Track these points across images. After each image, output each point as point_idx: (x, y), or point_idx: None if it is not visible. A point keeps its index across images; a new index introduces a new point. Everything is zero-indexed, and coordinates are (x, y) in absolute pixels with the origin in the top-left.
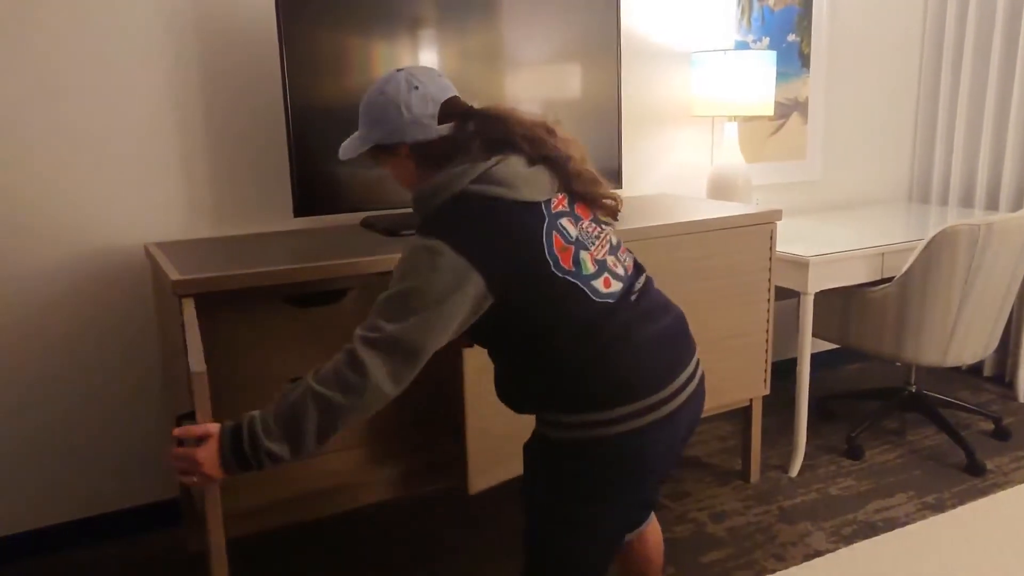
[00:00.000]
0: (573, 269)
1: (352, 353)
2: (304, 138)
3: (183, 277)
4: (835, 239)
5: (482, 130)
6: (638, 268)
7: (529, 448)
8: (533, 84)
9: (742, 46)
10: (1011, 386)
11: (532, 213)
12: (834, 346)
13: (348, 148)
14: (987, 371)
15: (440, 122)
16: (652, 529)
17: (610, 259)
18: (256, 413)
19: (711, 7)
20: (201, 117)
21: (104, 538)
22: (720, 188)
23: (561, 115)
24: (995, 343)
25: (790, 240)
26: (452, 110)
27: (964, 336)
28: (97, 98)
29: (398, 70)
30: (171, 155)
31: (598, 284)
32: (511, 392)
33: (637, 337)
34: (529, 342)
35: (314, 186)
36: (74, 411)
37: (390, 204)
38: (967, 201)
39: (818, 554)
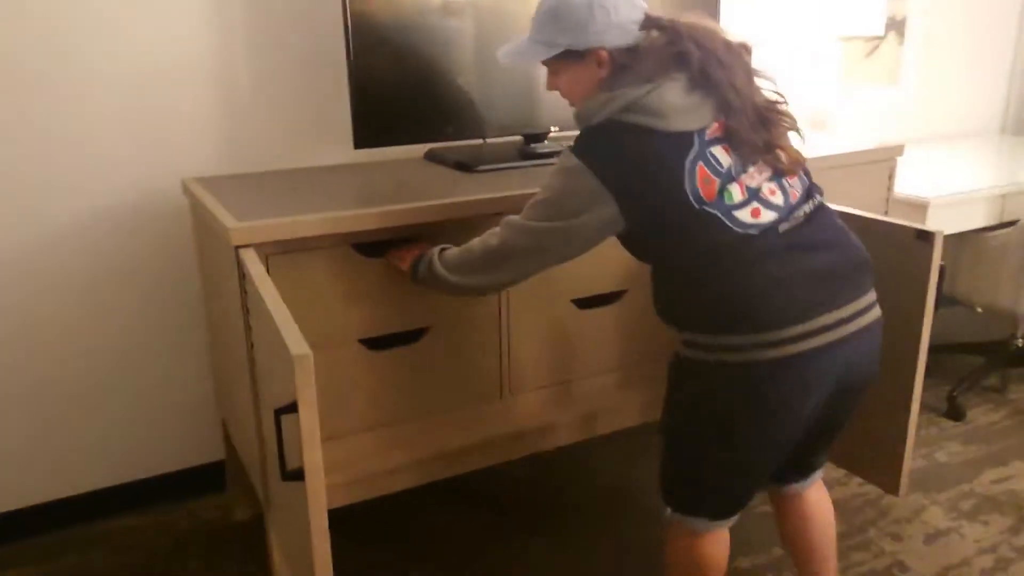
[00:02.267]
0: (715, 200)
1: (500, 230)
2: (366, 56)
3: (241, 224)
4: (948, 177)
5: (671, 43)
6: (808, 194)
7: (668, 365)
8: None
9: None
10: None
11: (680, 143)
12: None
13: (524, 53)
14: None
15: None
16: (813, 491)
17: (768, 186)
18: (437, 249)
19: None
20: (242, 31)
21: (144, 504)
22: (822, 116)
23: None
24: None
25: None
26: (651, 20)
27: None
28: (123, 22)
29: None
30: (207, 78)
31: (742, 214)
32: (657, 305)
33: (776, 267)
34: (664, 262)
35: (376, 114)
36: (111, 372)
37: (457, 135)
38: None
39: (939, 533)
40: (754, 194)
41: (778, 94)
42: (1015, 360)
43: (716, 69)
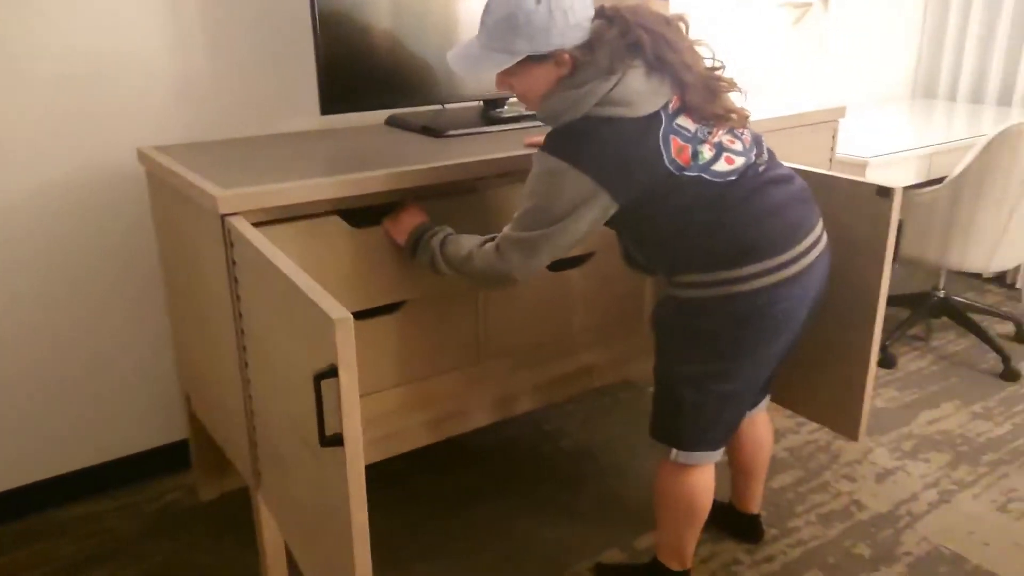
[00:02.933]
0: (691, 163)
1: (500, 244)
2: (331, 23)
3: (230, 192)
4: (880, 138)
5: (623, 34)
6: (756, 140)
7: (660, 313)
8: None
9: None
10: (1013, 287)
11: (650, 124)
12: None
13: (481, 61)
14: (986, 273)
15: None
16: (762, 415)
17: (726, 138)
18: (439, 236)
19: None
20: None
21: (108, 488)
22: (753, 84)
23: None
24: None
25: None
26: (599, 12)
27: (1012, 240)
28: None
29: None
30: (161, 44)
31: (718, 166)
32: (642, 259)
33: (761, 201)
34: (657, 225)
35: (342, 80)
36: (66, 354)
37: (420, 101)
38: (977, 97)
39: (888, 473)
40: (720, 148)
41: (716, 60)
42: (936, 310)
43: (667, 51)
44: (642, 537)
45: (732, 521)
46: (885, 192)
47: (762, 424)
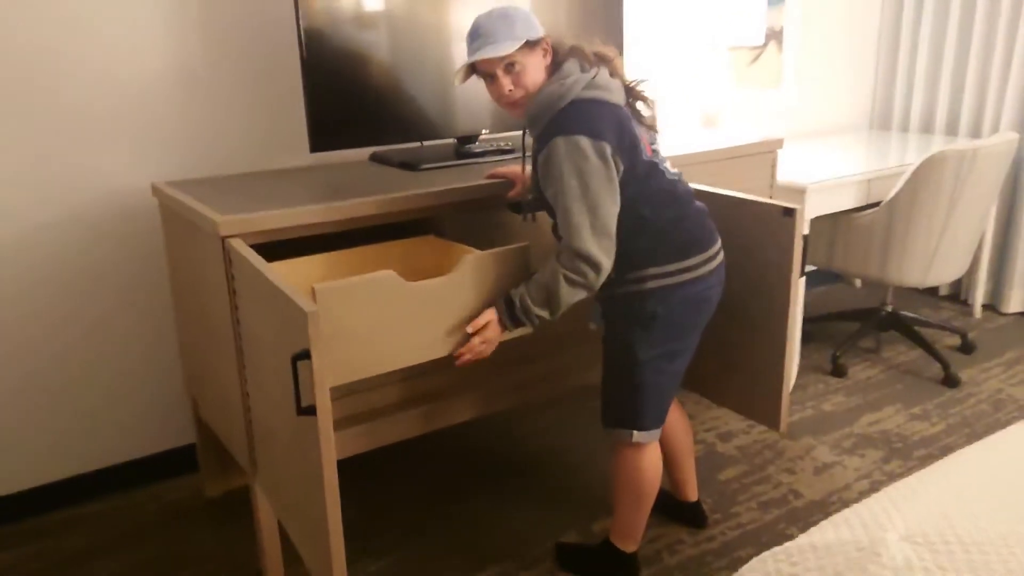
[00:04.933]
0: (652, 155)
1: (570, 248)
2: (320, 71)
3: (229, 217)
4: (822, 166)
5: (575, 49)
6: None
7: (615, 307)
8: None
9: None
10: (966, 303)
11: (623, 112)
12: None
13: (500, 47)
14: (943, 290)
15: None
16: (675, 402)
17: (657, 147)
18: (521, 289)
19: None
20: (200, 51)
21: (113, 490)
22: (716, 117)
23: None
24: (968, 263)
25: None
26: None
27: (945, 257)
28: (91, 33)
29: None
30: (170, 93)
31: (667, 166)
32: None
33: (692, 206)
34: (631, 209)
35: (330, 121)
36: (83, 365)
37: (399, 139)
38: (927, 128)
39: (826, 467)
40: (660, 154)
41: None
42: (884, 324)
43: (618, 69)
44: (597, 522)
45: (678, 512)
46: (790, 212)
47: (680, 410)
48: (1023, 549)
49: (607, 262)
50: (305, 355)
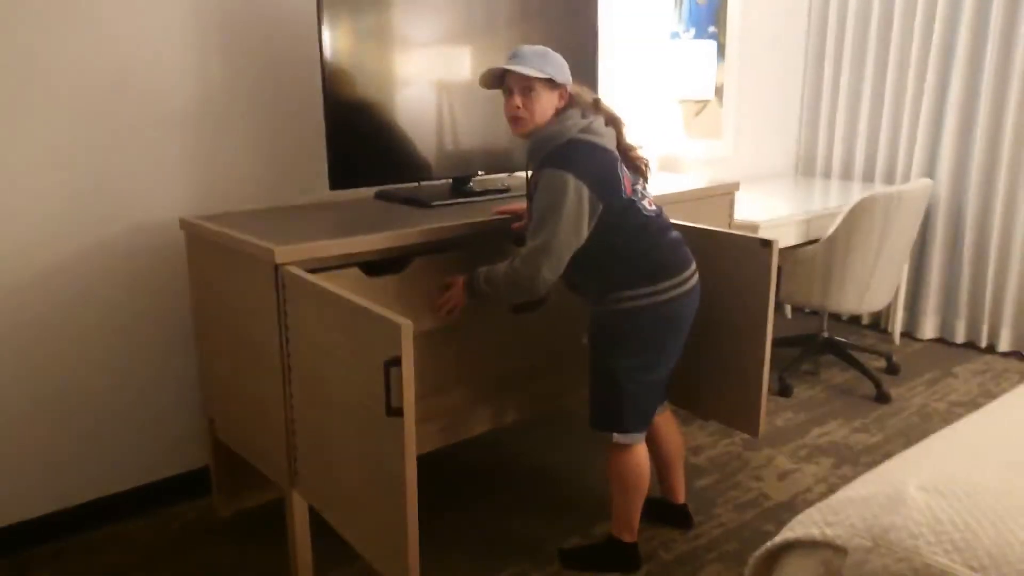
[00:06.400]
0: (632, 194)
1: (524, 255)
2: (340, 118)
3: (285, 247)
4: (764, 208)
5: (578, 98)
6: (657, 204)
7: (599, 325)
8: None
9: (675, 36)
10: (886, 331)
11: (612, 156)
12: None
13: (530, 69)
14: (865, 319)
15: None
16: (668, 413)
17: (646, 194)
18: (484, 269)
19: (652, 0)
20: (224, 97)
21: (130, 514)
22: (670, 162)
23: None
24: (893, 292)
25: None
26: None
27: (876, 287)
28: (123, 82)
29: None
30: (197, 134)
31: (643, 204)
32: (583, 283)
33: (665, 238)
34: (607, 241)
35: (348, 162)
36: (104, 391)
37: (406, 179)
38: (847, 175)
39: (788, 473)
40: (642, 194)
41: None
42: (822, 349)
43: (611, 116)
44: (597, 526)
45: (667, 514)
46: (766, 243)
47: (670, 419)
48: (1010, 494)
49: (551, 277)
50: (396, 362)
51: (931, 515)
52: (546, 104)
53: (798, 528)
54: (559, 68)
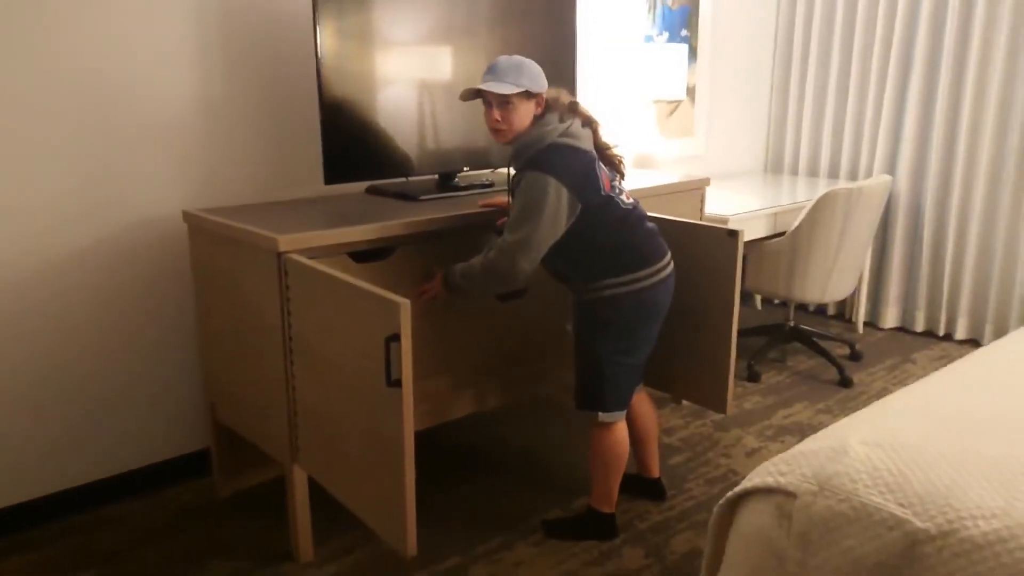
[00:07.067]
0: (610, 190)
1: (500, 247)
2: (334, 116)
3: (287, 236)
4: (734, 202)
5: (556, 102)
6: (633, 197)
7: (581, 312)
8: None
9: (648, 39)
10: (850, 321)
11: (590, 156)
12: None
13: (503, 86)
14: (831, 310)
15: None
16: (644, 393)
17: (618, 184)
18: (460, 265)
19: (626, 5)
20: (223, 96)
21: (132, 494)
22: (645, 160)
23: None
24: (855, 284)
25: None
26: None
27: (838, 278)
28: (125, 81)
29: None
30: (196, 132)
31: (621, 198)
32: (568, 273)
33: (642, 229)
34: (588, 234)
35: (342, 158)
36: (110, 374)
37: (396, 174)
38: (813, 172)
39: (755, 451)
40: (620, 190)
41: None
42: (788, 337)
43: (588, 117)
44: (577, 499)
45: (642, 488)
46: (733, 234)
47: (645, 399)
48: (937, 445)
49: (528, 268)
50: (396, 338)
51: (869, 463)
52: (523, 114)
53: (755, 478)
54: (534, 78)
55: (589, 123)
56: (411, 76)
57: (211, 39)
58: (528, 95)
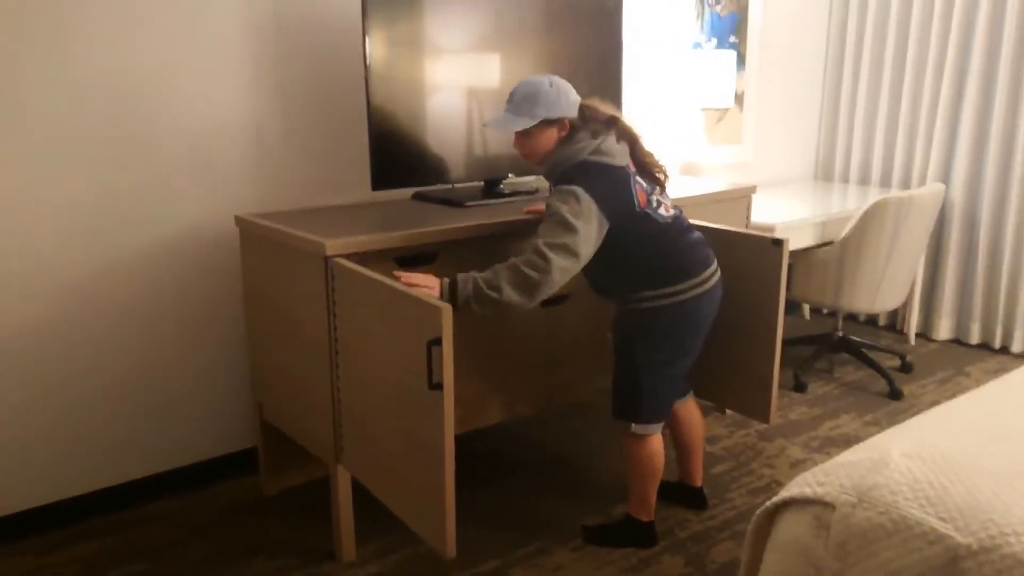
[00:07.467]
0: (647, 205)
1: (537, 252)
2: (382, 124)
3: (336, 240)
4: (782, 211)
5: (591, 117)
6: (676, 206)
7: (622, 322)
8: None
9: (696, 46)
10: (901, 332)
11: (624, 172)
12: None
13: (511, 123)
14: (882, 320)
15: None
16: (692, 402)
17: (658, 197)
18: (478, 276)
19: (675, 12)
20: (277, 106)
21: (182, 490)
22: (692, 168)
23: None
24: (906, 294)
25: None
26: (584, 106)
27: (888, 288)
28: (180, 90)
29: (547, 76)
30: (248, 140)
31: (659, 212)
32: (607, 286)
33: (685, 239)
34: (623, 249)
35: (389, 164)
36: (162, 377)
37: (441, 181)
38: (864, 180)
39: (800, 463)
40: (660, 203)
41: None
42: (836, 347)
43: (625, 130)
44: (616, 506)
45: (683, 495)
46: (778, 243)
47: (693, 408)
48: (979, 458)
49: (567, 266)
50: (437, 342)
51: (910, 475)
52: (545, 140)
53: (794, 488)
54: (551, 105)
55: (625, 136)
56: (457, 83)
57: (264, 48)
58: (547, 123)
